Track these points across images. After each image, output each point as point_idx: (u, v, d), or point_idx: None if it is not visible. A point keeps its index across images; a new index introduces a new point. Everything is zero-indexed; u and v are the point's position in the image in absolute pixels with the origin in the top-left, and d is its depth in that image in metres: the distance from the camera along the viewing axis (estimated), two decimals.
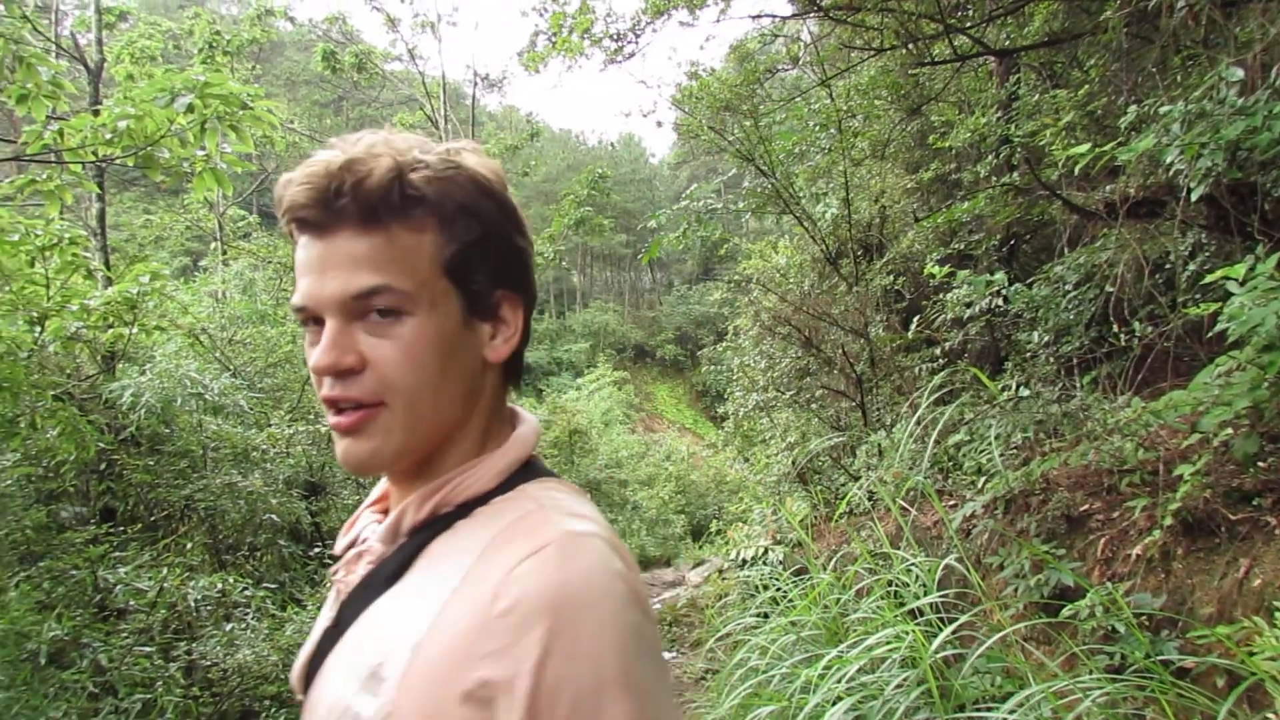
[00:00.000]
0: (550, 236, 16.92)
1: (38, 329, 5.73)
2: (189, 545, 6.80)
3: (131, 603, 5.16)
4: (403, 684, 0.74)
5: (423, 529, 0.86)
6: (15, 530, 5.58)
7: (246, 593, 5.15)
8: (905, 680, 2.80)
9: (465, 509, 0.86)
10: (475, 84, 16.79)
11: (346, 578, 0.90)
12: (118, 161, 4.87)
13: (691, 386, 59.08)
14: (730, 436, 11.93)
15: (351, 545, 0.94)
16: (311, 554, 7.70)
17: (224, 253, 16.37)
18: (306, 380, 10.53)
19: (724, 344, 11.28)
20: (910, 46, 5.66)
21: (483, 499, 0.86)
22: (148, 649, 4.52)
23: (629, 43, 6.97)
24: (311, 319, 0.83)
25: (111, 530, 5.70)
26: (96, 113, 4.73)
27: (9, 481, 5.73)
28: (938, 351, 6.08)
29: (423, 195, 0.82)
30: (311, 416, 9.74)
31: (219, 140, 4.55)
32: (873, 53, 6.49)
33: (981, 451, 4.18)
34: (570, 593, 0.72)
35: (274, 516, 7.42)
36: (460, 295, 0.85)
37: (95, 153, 4.69)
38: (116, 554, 5.48)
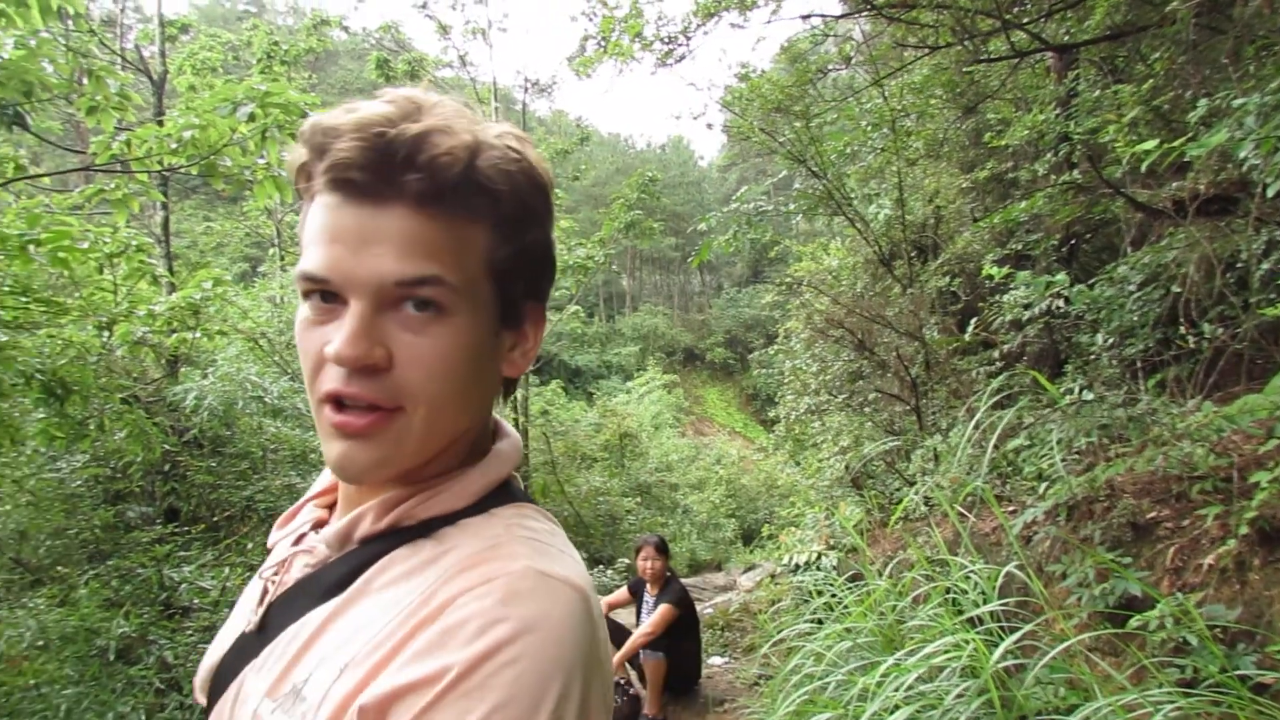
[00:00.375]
0: (600, 240, 16.96)
1: (106, 334, 5.89)
2: (249, 545, 6.92)
3: (195, 601, 5.26)
4: (321, 707, 0.67)
5: (377, 540, 0.77)
6: (85, 529, 5.74)
7: None
8: (966, 690, 2.73)
9: (429, 526, 0.77)
10: (525, 89, 16.88)
11: (279, 577, 0.82)
12: (181, 170, 4.97)
13: (741, 390, 58.84)
14: (781, 440, 11.85)
15: (295, 542, 0.86)
16: None
17: (282, 258, 16.69)
18: None
19: (775, 347, 11.19)
20: (966, 43, 5.54)
21: (450, 518, 0.78)
22: None
23: (679, 45, 6.94)
24: (325, 294, 0.71)
25: (176, 530, 5.82)
26: (161, 123, 4.85)
27: (79, 482, 5.90)
28: (995, 354, 5.96)
29: (490, 186, 0.73)
30: None
31: (279, 148, 4.62)
32: (927, 50, 6.37)
33: (1043, 456, 4.08)
34: (507, 635, 0.63)
35: None
36: (498, 301, 0.77)
37: (161, 162, 4.80)
38: (181, 553, 5.59)
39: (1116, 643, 3.06)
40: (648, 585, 5.64)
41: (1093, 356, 4.79)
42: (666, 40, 6.90)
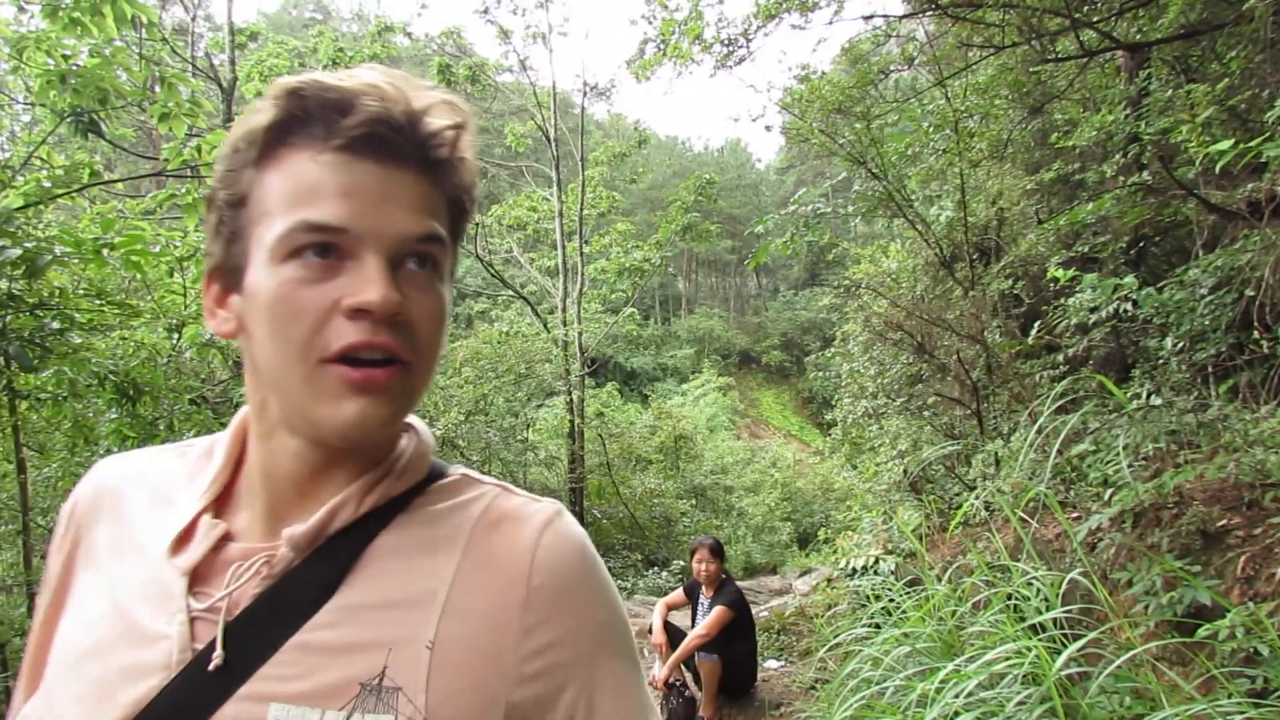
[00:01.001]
0: (657, 243, 17.02)
1: (176, 336, 6.08)
2: None
3: None
4: (431, 685, 0.68)
5: (353, 528, 0.75)
6: None
7: None
8: (1028, 697, 2.70)
9: (399, 503, 0.77)
10: (584, 93, 17.00)
11: (221, 598, 0.72)
12: None
13: (797, 393, 58.41)
14: (838, 444, 11.75)
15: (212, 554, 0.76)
16: None
17: None
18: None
19: (832, 350, 11.11)
20: (1033, 43, 5.46)
21: (417, 488, 0.79)
22: None
23: (739, 47, 6.94)
24: (323, 248, 0.69)
25: None
26: (230, 128, 5.00)
27: None
28: (1059, 359, 5.85)
29: (468, 162, 0.77)
30: (426, 420, 10.05)
31: None
32: (992, 50, 6.29)
33: (1108, 462, 4.00)
34: (591, 560, 0.79)
35: None
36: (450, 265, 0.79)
37: None
38: None
39: (1185, 652, 3.00)
40: (703, 587, 5.66)
41: (1161, 361, 4.69)
42: (726, 42, 6.90)
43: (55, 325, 4.00)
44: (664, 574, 12.69)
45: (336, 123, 0.69)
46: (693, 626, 5.61)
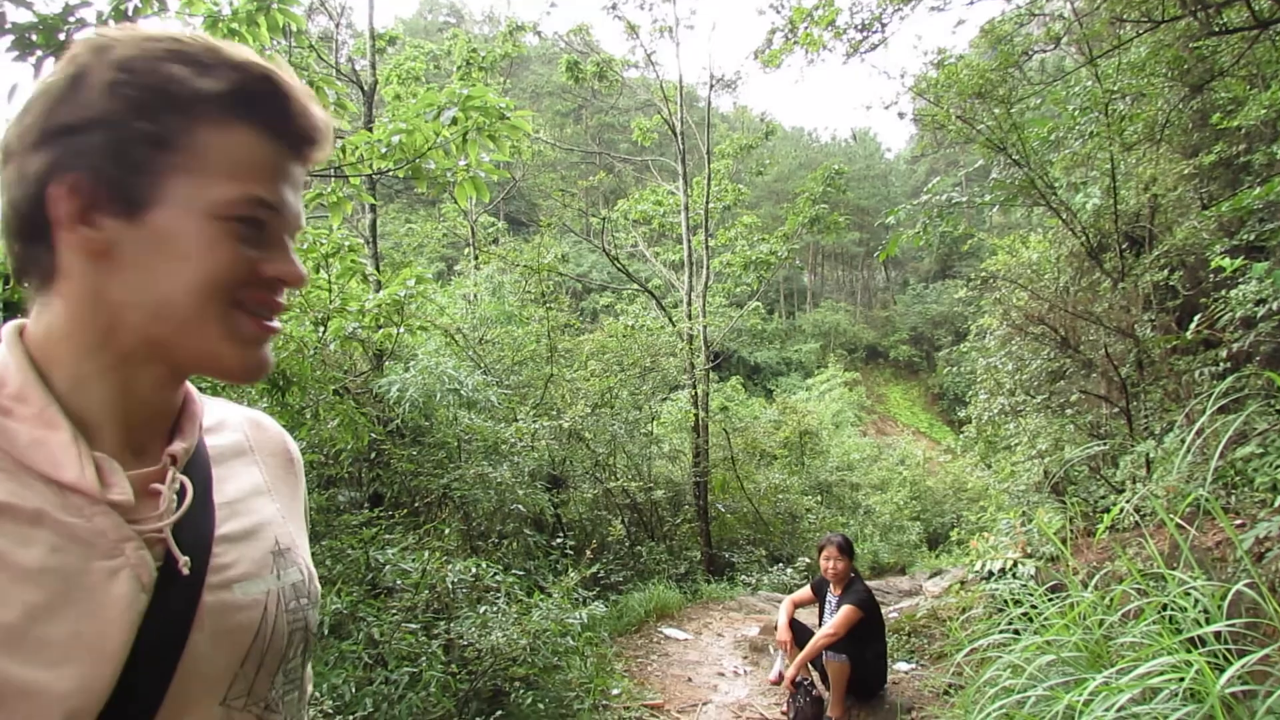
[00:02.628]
0: (784, 235, 16.83)
1: (321, 329, 6.37)
2: (446, 531, 7.31)
3: (398, 582, 5.59)
4: (297, 540, 0.95)
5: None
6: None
7: (497, 578, 5.41)
8: (1187, 715, 2.53)
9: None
10: (710, 86, 16.93)
11: (161, 516, 0.79)
12: (389, 174, 5.29)
13: (927, 389, 56.88)
14: (971, 442, 11.38)
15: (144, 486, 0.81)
16: (554, 544, 8.06)
17: (476, 257, 17.57)
18: (549, 378, 11.10)
19: (966, 345, 10.76)
20: (1197, 15, 5.08)
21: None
22: (413, 626, 4.83)
23: (874, 33, 6.75)
24: (262, 222, 0.80)
25: (380, 514, 6.23)
26: (371, 130, 5.19)
27: None
28: (1221, 354, 5.47)
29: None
30: (554, 413, 10.25)
31: (478, 150, 4.84)
32: (1150, 25, 5.91)
33: (1278, 467, 3.72)
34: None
35: (520, 507, 7.85)
36: None
37: (371, 166, 5.14)
38: (385, 536, 5.96)
39: None
40: (831, 585, 5.56)
41: None
42: (860, 28, 6.73)
43: None
44: (788, 570, 12.54)
45: (287, 120, 0.81)
46: (820, 625, 5.52)
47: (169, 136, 0.75)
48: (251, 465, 0.96)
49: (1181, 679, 2.62)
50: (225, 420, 0.97)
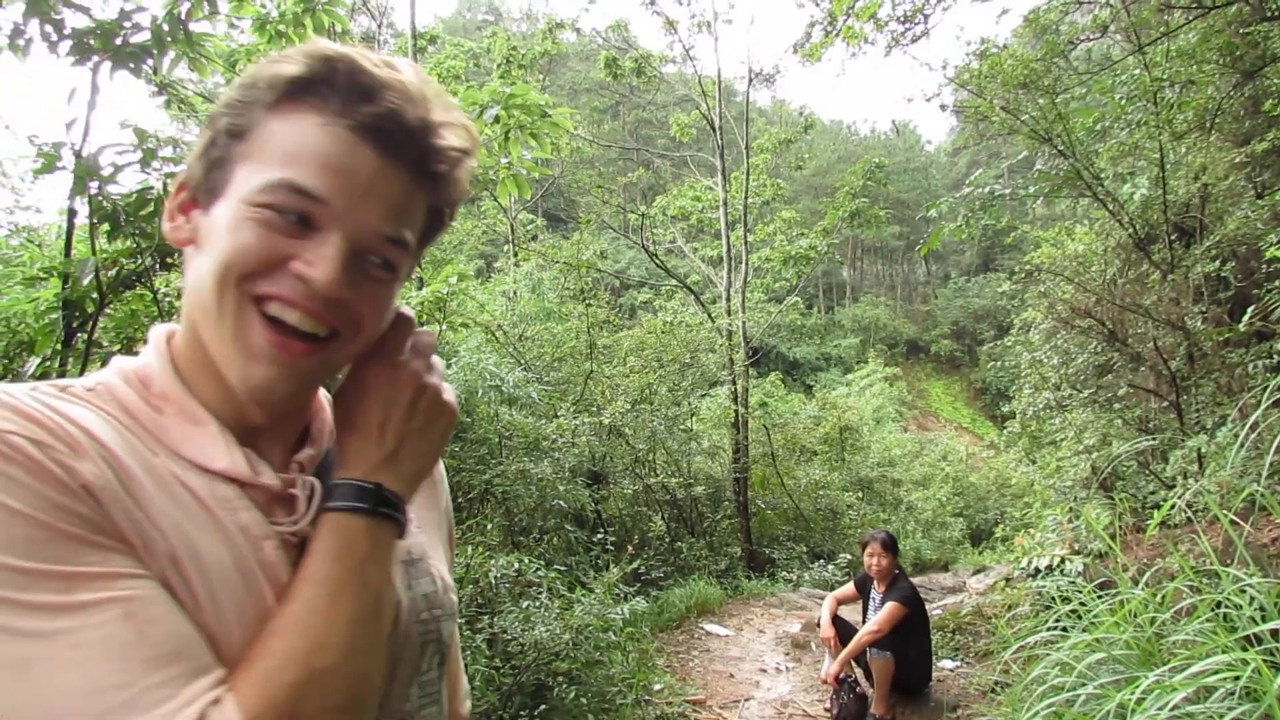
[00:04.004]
0: (823, 230, 16.71)
1: None
2: (489, 526, 7.36)
3: None
4: (444, 559, 0.98)
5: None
6: None
7: (539, 573, 5.42)
8: (1243, 715, 2.48)
9: None
10: (749, 80, 16.86)
11: (294, 521, 0.80)
12: None
13: (969, 384, 56.21)
14: (1015, 437, 11.24)
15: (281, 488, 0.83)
16: (595, 540, 8.09)
17: (515, 254, 17.66)
18: (589, 374, 11.13)
19: (1010, 338, 10.63)
20: (1250, 0, 4.96)
21: None
22: (459, 620, 4.88)
23: (916, 24, 6.69)
24: (301, 212, 0.74)
25: None
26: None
27: None
28: (1276, 347, 5.35)
29: (460, 186, 0.84)
30: (594, 409, 10.28)
31: (520, 148, 4.87)
32: (1200, 11, 5.78)
33: None
34: None
35: (561, 503, 7.88)
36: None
37: None
38: None
39: None
40: (875, 582, 5.52)
41: None
42: (902, 19, 6.66)
43: None
44: (830, 567, 12.47)
45: (357, 103, 0.74)
46: (863, 622, 5.49)
47: (243, 127, 0.76)
48: None
49: (1238, 678, 2.57)
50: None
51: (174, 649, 0.64)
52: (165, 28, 3.39)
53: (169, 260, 3.57)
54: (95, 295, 3.32)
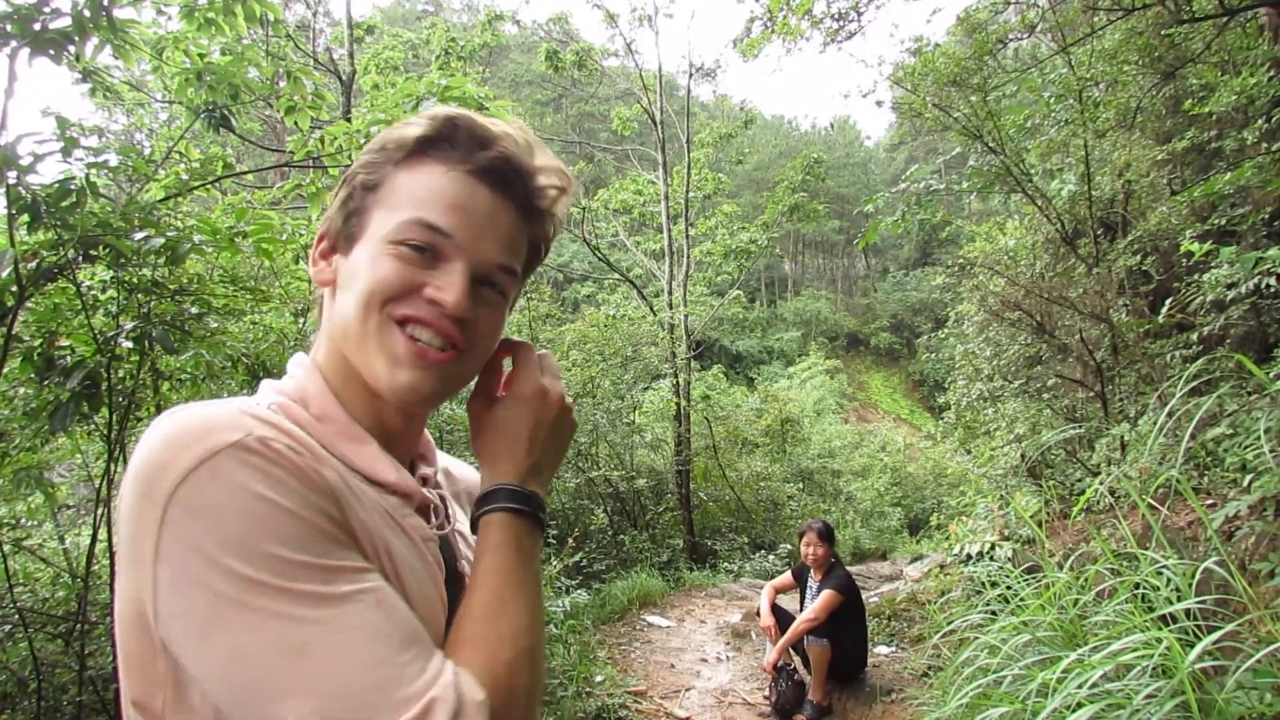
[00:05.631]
0: (764, 224, 16.84)
1: (301, 320, 6.34)
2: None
3: None
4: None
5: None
6: None
7: None
8: (1158, 690, 2.58)
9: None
10: (690, 75, 16.91)
11: (439, 526, 0.96)
12: None
13: (908, 375, 57.18)
14: (950, 428, 11.46)
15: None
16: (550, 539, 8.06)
17: None
18: None
19: (945, 331, 10.83)
20: (1168, 3, 5.13)
21: None
22: None
23: (851, 21, 6.78)
24: (430, 247, 0.86)
25: None
26: (349, 119, 5.15)
27: None
28: (1193, 338, 5.55)
29: (556, 222, 0.97)
30: None
31: None
32: (1121, 13, 5.96)
33: (1247, 447, 3.78)
34: None
35: None
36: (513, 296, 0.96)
37: (350, 157, 5.10)
38: None
39: None
40: (811, 571, 5.60)
41: None
42: (837, 16, 6.75)
43: (194, 310, 4.21)
44: (770, 557, 12.63)
45: (475, 151, 0.88)
46: (801, 610, 5.57)
47: (377, 181, 0.90)
48: (458, 505, 1.08)
49: (1152, 656, 2.67)
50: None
51: (413, 631, 0.75)
52: (87, 14, 3.28)
53: (92, 253, 3.47)
54: (15, 288, 3.21)
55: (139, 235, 3.49)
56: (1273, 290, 4.51)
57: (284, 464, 0.73)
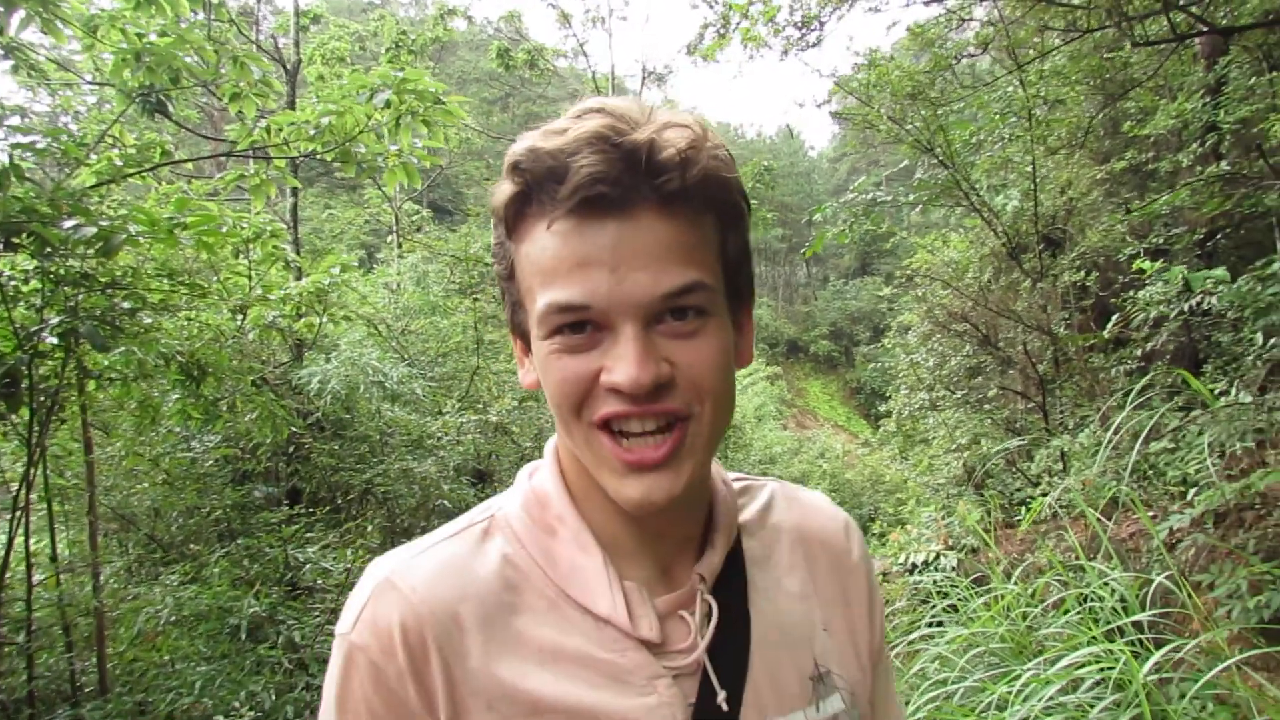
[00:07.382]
0: None
1: (240, 317, 6.14)
2: (369, 528, 7.12)
3: (319, 582, 5.38)
4: (837, 658, 0.83)
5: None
6: (216, 508, 5.94)
7: None
8: (1114, 704, 2.62)
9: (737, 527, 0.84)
10: (643, 79, 16.94)
11: (690, 650, 0.76)
12: (317, 157, 5.10)
13: (845, 383, 57.93)
14: (889, 435, 11.62)
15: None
16: None
17: (399, 245, 17.20)
18: (475, 370, 10.94)
19: (889, 340, 10.98)
20: (1121, 25, 5.24)
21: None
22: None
23: (813, 30, 6.83)
24: (582, 323, 0.68)
25: (300, 511, 6.00)
26: (293, 109, 5.01)
27: (211, 461, 6.11)
28: (1136, 353, 5.70)
29: (720, 175, 0.70)
30: (480, 406, 10.09)
31: (411, 134, 4.71)
32: (1074, 35, 6.10)
33: (1189, 461, 3.87)
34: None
35: (445, 502, 7.70)
36: (729, 296, 0.74)
37: (298, 148, 4.96)
38: (306, 534, 5.74)
39: (1273, 658, 2.89)
40: None
41: (1244, 355, 4.54)
42: (799, 25, 6.79)
43: (126, 305, 4.04)
44: None
45: (554, 190, 0.66)
46: None
47: (508, 265, 0.75)
48: (795, 566, 0.85)
49: (1106, 669, 2.70)
50: (770, 509, 0.89)
51: None
52: None
53: (14, 241, 3.30)
54: None
55: (68, 223, 3.33)
56: (1204, 309, 4.64)
57: (358, 675, 0.74)
